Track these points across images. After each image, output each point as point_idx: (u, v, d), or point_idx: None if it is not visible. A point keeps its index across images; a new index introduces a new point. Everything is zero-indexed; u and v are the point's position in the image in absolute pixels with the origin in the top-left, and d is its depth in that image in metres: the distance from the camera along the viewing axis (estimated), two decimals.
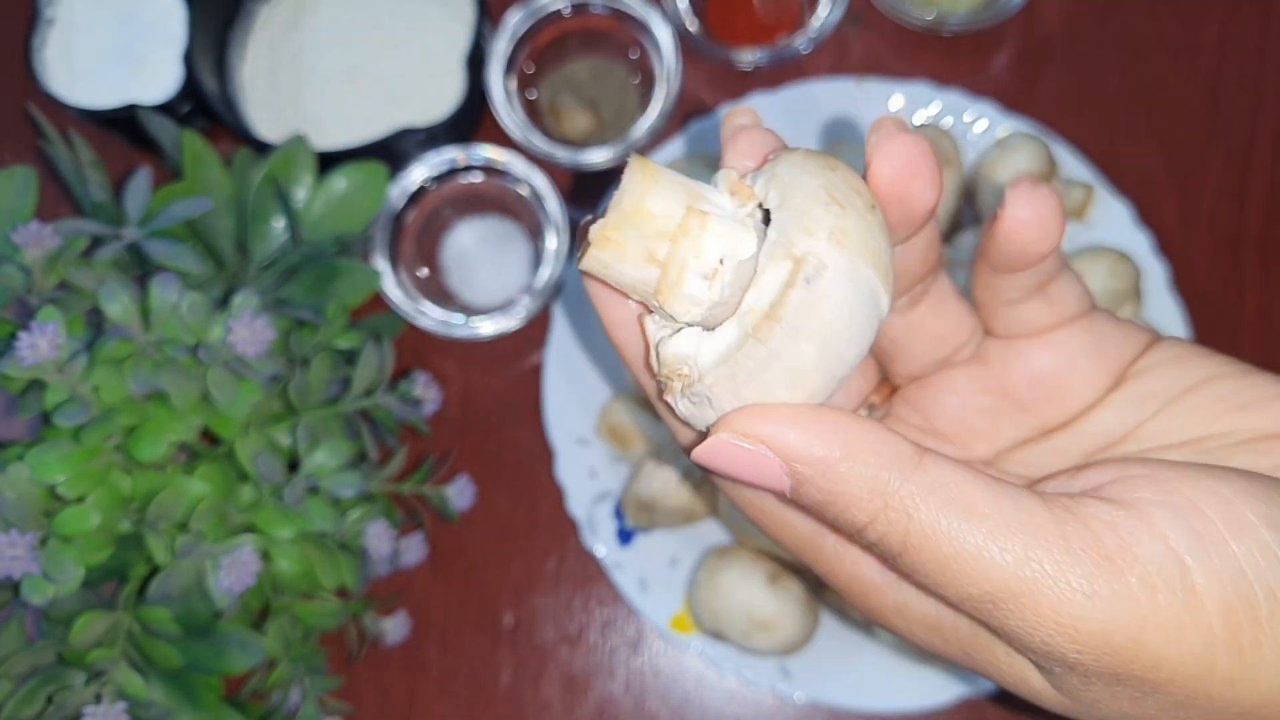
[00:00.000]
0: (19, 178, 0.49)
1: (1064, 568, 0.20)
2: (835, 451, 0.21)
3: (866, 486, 0.21)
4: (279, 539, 0.50)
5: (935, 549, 0.21)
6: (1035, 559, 0.20)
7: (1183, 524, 0.20)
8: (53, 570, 0.44)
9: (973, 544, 0.20)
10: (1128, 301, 0.56)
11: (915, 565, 0.21)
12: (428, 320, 0.59)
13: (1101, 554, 0.20)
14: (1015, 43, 0.64)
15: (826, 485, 0.21)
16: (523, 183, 0.60)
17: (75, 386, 0.45)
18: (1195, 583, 0.20)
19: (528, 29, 0.61)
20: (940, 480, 0.21)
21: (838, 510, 0.21)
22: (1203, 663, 0.20)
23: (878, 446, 0.21)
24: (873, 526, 0.21)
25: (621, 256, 0.23)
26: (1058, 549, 0.20)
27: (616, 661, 0.60)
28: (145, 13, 0.62)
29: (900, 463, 0.21)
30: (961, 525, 0.21)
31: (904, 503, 0.21)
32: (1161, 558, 0.20)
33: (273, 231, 0.55)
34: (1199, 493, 0.21)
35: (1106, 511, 0.21)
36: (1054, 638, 0.20)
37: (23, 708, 0.46)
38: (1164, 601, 0.20)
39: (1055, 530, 0.21)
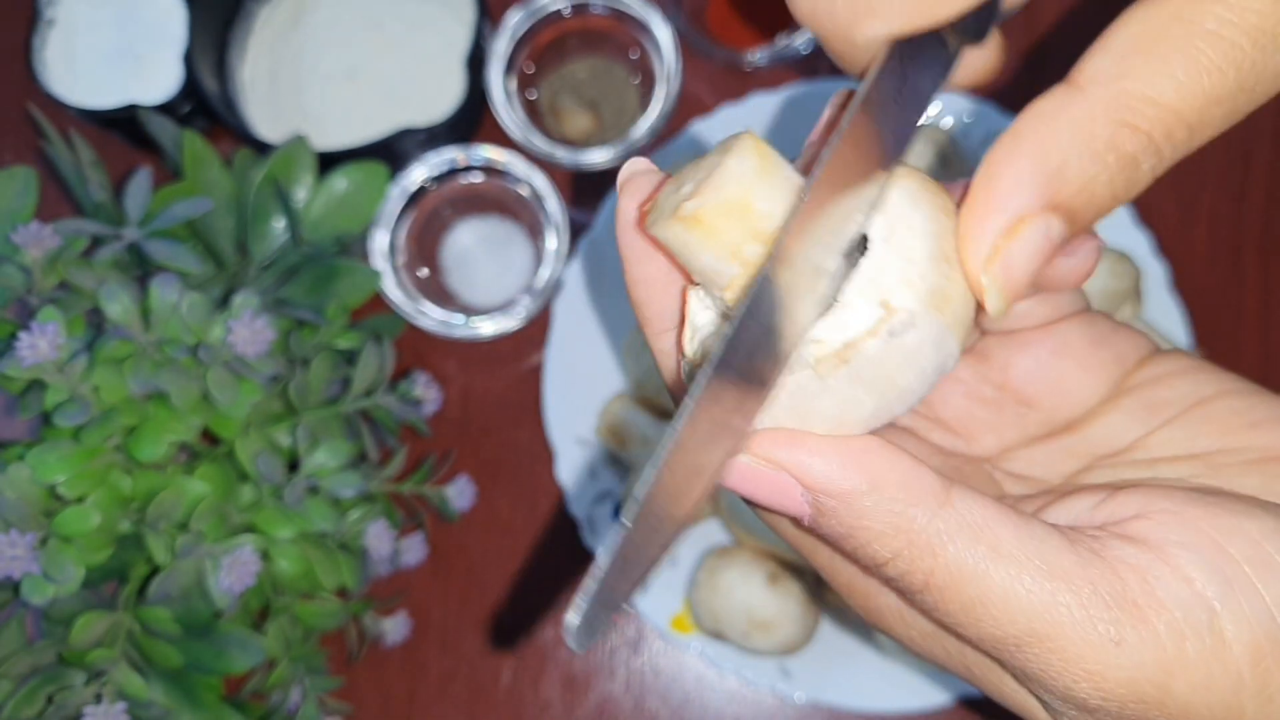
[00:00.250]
0: (19, 178, 0.49)
1: (1091, 613, 0.20)
2: (861, 484, 0.20)
3: (891, 522, 0.20)
4: (279, 539, 0.50)
5: (960, 590, 0.20)
6: (1063, 603, 0.20)
7: (1209, 567, 0.20)
8: (53, 570, 0.44)
9: (999, 586, 0.20)
10: (1128, 301, 0.56)
11: (936, 604, 0.21)
12: (428, 320, 0.59)
13: (1129, 599, 0.20)
14: (1015, 43, 0.64)
15: (849, 519, 0.21)
16: (523, 183, 0.60)
17: (75, 386, 0.45)
18: (1224, 628, 0.20)
19: (528, 29, 0.61)
20: (967, 518, 0.20)
21: (858, 544, 0.21)
22: (1230, 710, 0.20)
23: (906, 479, 0.20)
24: (894, 563, 0.21)
25: (705, 244, 0.21)
26: (1085, 593, 0.20)
27: (616, 661, 0.60)
28: (145, 13, 0.62)
29: (927, 498, 0.20)
30: (988, 566, 0.20)
31: (929, 540, 0.20)
32: (1189, 604, 0.20)
33: (273, 232, 0.55)
34: (1224, 533, 0.21)
35: (1132, 554, 0.20)
36: (1078, 684, 0.20)
37: (23, 708, 0.46)
38: (1192, 649, 0.20)
39: (1081, 574, 0.20)
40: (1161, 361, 0.27)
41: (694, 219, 0.20)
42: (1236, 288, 0.61)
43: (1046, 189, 0.20)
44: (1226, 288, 0.61)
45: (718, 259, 0.21)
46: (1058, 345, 0.27)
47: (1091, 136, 0.20)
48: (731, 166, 0.20)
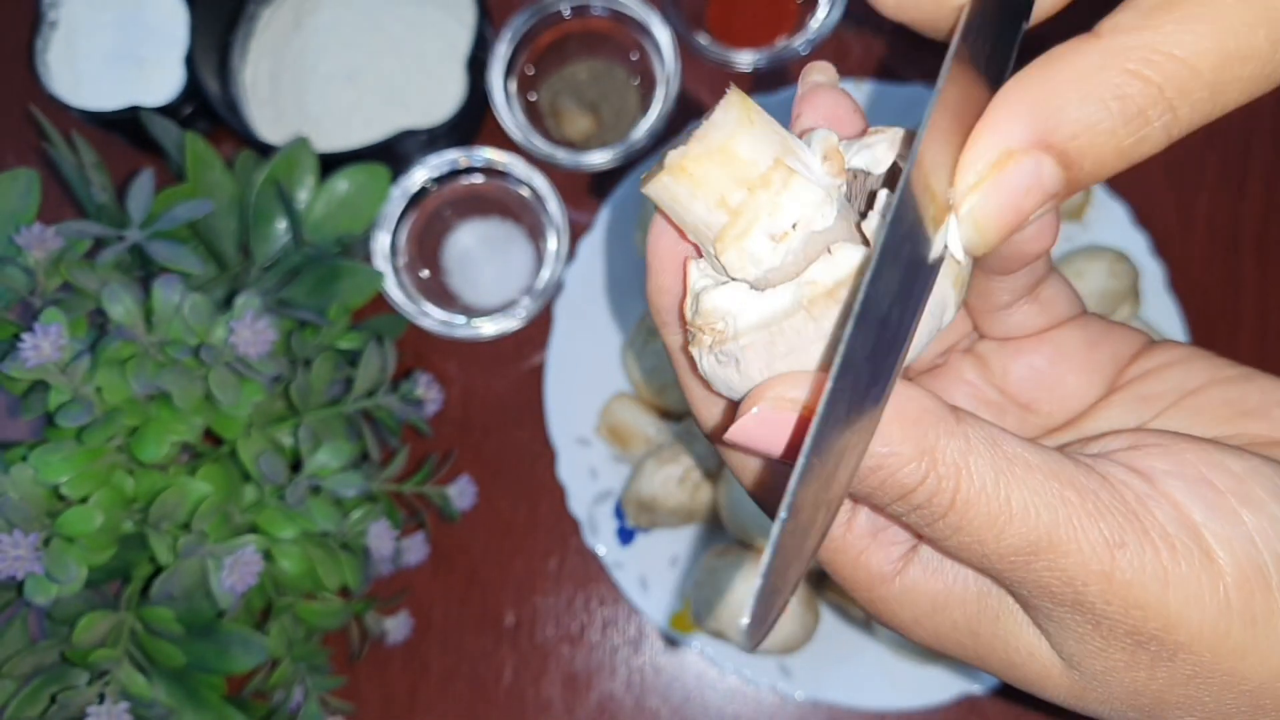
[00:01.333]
0: (22, 180, 0.49)
1: (1098, 518, 0.20)
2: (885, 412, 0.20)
3: (916, 445, 0.20)
4: (281, 539, 0.50)
5: (985, 502, 0.21)
6: (1074, 510, 0.20)
7: (1195, 495, 0.21)
8: (56, 570, 0.44)
9: (1019, 496, 0.20)
10: (1126, 301, 0.57)
11: (959, 523, 0.21)
12: (429, 321, 0.59)
13: (1127, 508, 0.21)
14: None
15: (878, 448, 0.21)
16: (523, 184, 0.60)
17: (78, 387, 0.45)
18: (1211, 548, 0.20)
19: (528, 31, 0.61)
20: (983, 434, 0.21)
21: (886, 474, 0.21)
22: (1218, 629, 0.20)
23: (922, 405, 0.21)
24: (923, 486, 0.21)
25: (693, 192, 0.21)
26: (1090, 500, 0.21)
27: (617, 660, 0.60)
28: (147, 15, 0.62)
29: (943, 419, 0.21)
30: (1009, 477, 0.21)
31: (953, 458, 0.21)
32: (1178, 524, 0.21)
33: (275, 233, 0.55)
34: (1210, 466, 0.21)
35: (1125, 475, 0.21)
36: (1089, 587, 0.20)
37: (26, 707, 0.46)
38: (1184, 565, 0.20)
39: (1085, 482, 0.21)
40: (1155, 354, 0.27)
41: (678, 168, 0.21)
42: (1234, 288, 0.62)
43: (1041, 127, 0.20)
44: (1224, 288, 0.62)
45: (705, 207, 0.21)
46: (1054, 351, 0.28)
47: (1097, 82, 0.20)
48: (714, 116, 0.21)
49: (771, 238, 0.21)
